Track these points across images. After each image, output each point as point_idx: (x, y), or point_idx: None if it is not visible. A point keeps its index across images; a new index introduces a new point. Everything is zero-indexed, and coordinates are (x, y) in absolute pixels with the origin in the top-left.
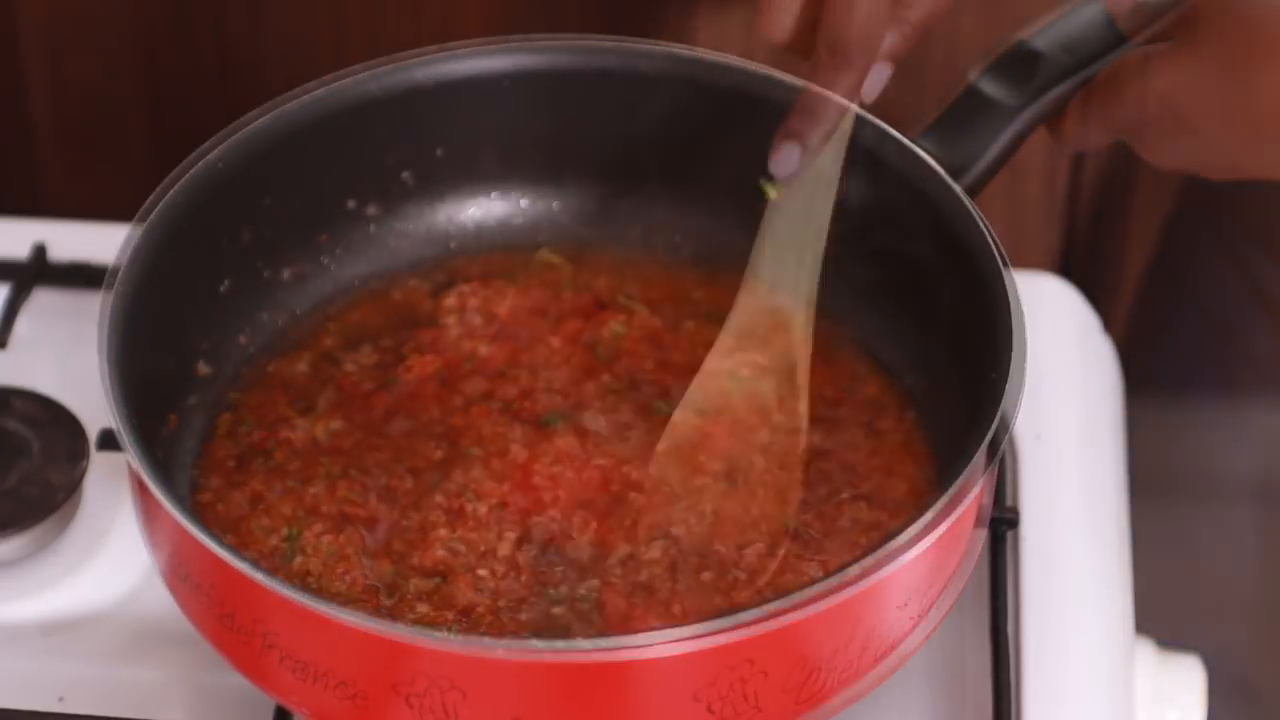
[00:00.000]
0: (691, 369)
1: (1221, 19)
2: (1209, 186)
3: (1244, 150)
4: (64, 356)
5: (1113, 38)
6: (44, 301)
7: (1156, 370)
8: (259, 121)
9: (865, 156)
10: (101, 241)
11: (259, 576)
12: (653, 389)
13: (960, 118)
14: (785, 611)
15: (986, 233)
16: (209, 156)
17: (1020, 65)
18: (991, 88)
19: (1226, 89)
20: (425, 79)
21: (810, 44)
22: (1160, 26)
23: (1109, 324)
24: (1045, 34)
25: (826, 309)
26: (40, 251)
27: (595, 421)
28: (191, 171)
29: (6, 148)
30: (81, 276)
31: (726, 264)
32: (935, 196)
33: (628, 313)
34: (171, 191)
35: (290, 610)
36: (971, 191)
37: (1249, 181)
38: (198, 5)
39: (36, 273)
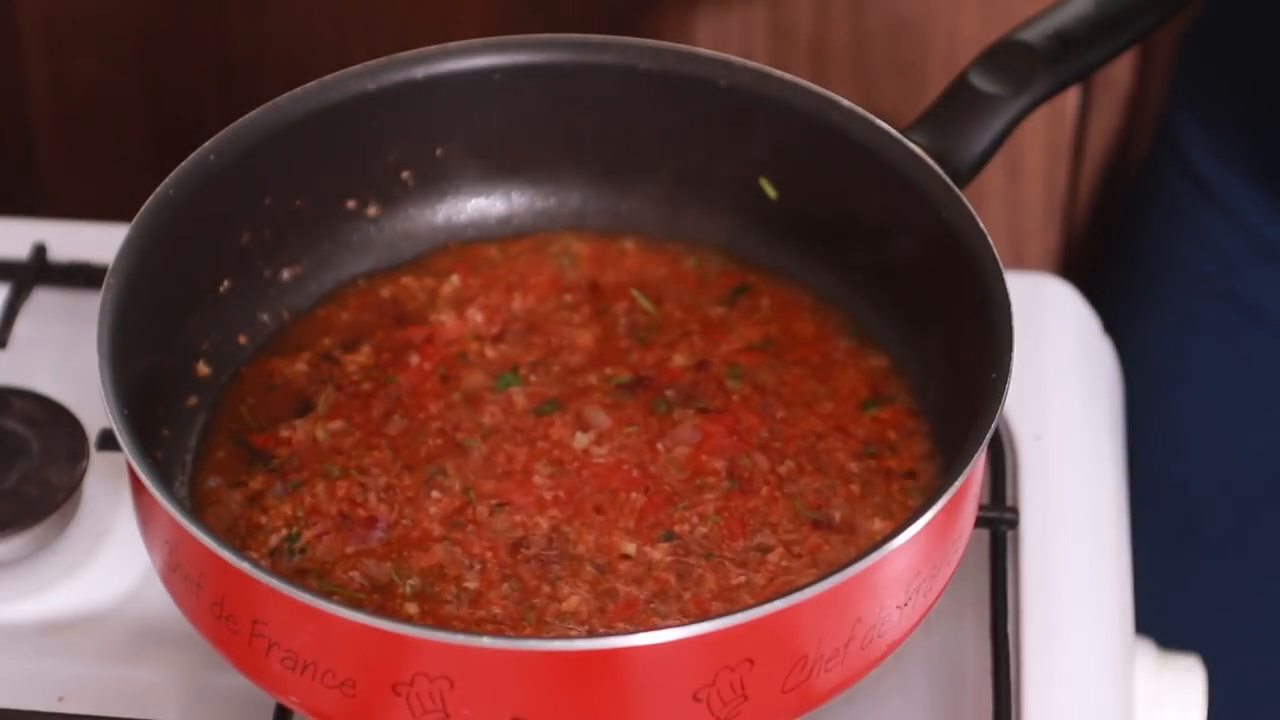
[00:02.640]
0: (694, 365)
1: None
2: (1178, 135)
3: None
4: (64, 356)
5: (1104, 28)
6: (44, 301)
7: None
8: (253, 115)
9: (861, 152)
10: (101, 241)
11: (256, 573)
12: (655, 385)
13: (951, 110)
14: (785, 611)
15: (980, 228)
16: (201, 148)
17: (1011, 57)
18: (982, 80)
19: None
20: (423, 77)
21: None
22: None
23: (1109, 324)
24: (1036, 26)
25: (825, 299)
26: (40, 251)
27: (597, 417)
28: (183, 165)
29: (6, 147)
30: (81, 276)
31: (727, 260)
32: (930, 191)
33: (629, 309)
34: (162, 186)
35: (287, 605)
36: (961, 182)
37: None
38: (198, 5)
39: (36, 273)
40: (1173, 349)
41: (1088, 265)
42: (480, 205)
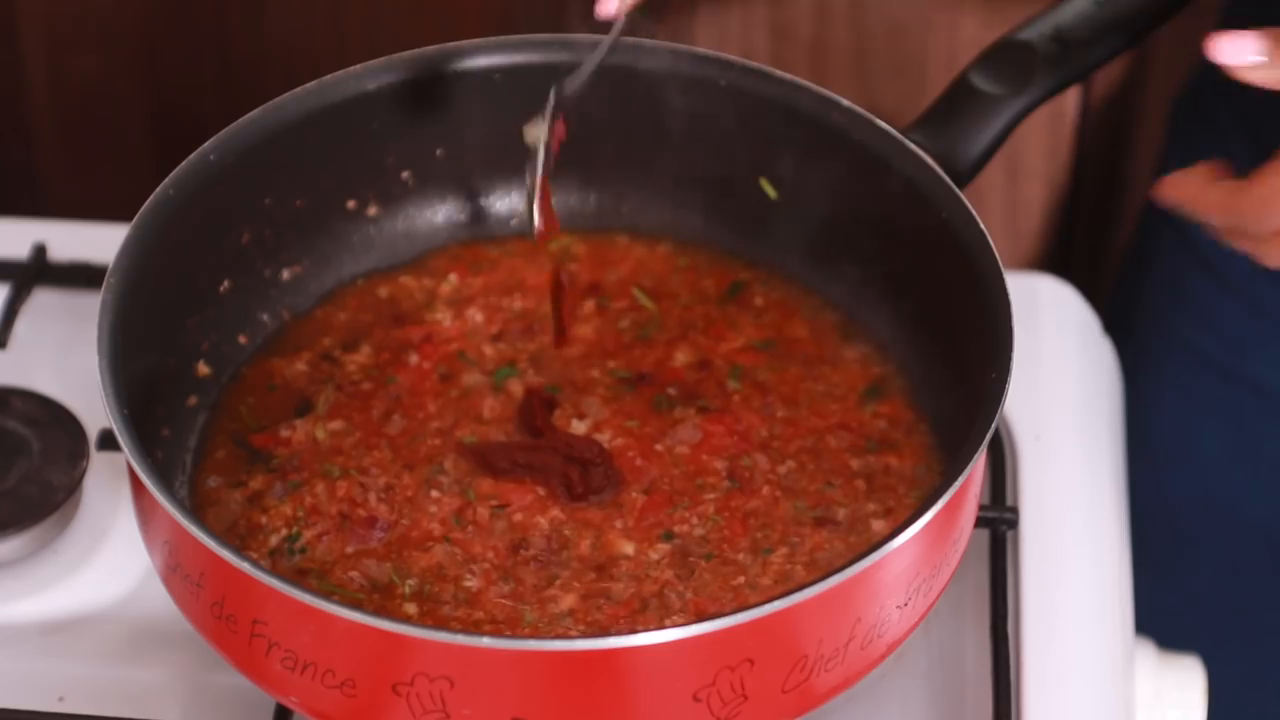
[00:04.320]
0: (695, 364)
1: None
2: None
3: None
4: (64, 356)
5: (1104, 28)
6: (44, 301)
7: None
8: (252, 115)
9: (861, 152)
10: (101, 241)
11: (257, 573)
12: (657, 383)
13: (951, 110)
14: (786, 611)
15: (980, 227)
16: (200, 149)
17: (1010, 57)
18: (982, 80)
19: None
20: (423, 77)
21: None
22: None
23: (1108, 324)
24: (1035, 26)
25: (825, 299)
26: (40, 251)
27: (592, 406)
28: (183, 166)
29: (6, 148)
30: (81, 276)
31: (726, 259)
32: (930, 192)
33: (629, 307)
34: (162, 186)
35: (287, 606)
36: (961, 182)
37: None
38: (198, 6)
39: (36, 273)
40: (1176, 427)
41: (1088, 266)
42: (480, 204)
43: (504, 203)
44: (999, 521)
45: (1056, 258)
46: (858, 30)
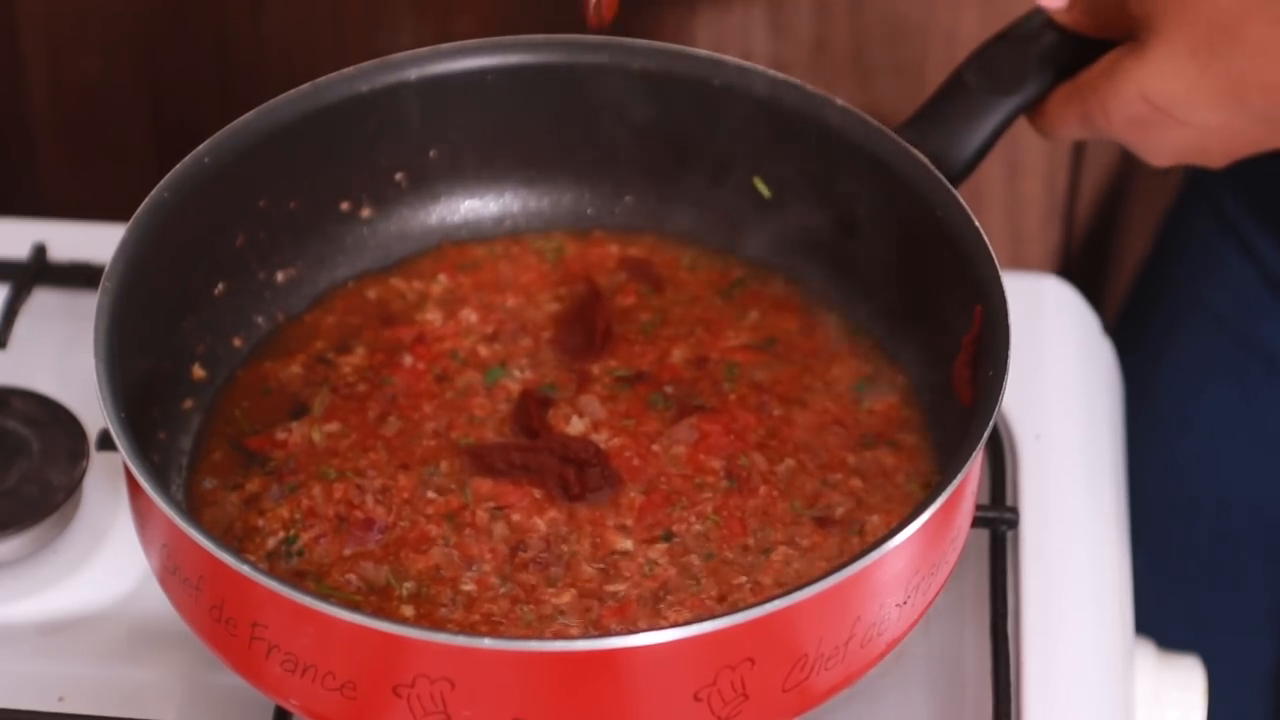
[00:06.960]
0: (693, 361)
1: (1179, 7)
2: (1209, 177)
3: (1235, 128)
4: (64, 356)
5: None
6: (44, 301)
7: (1158, 367)
8: (247, 117)
9: (855, 150)
10: (101, 241)
11: (257, 575)
12: (655, 381)
13: (945, 108)
14: (785, 610)
15: (975, 225)
16: (195, 151)
17: (1003, 55)
18: (975, 78)
19: (1204, 72)
20: (416, 79)
21: None
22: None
23: (1109, 324)
24: (1029, 23)
25: (821, 297)
26: (40, 251)
27: (590, 406)
28: (177, 168)
29: (6, 148)
30: (81, 276)
31: (722, 259)
32: (925, 190)
33: (628, 306)
34: (157, 189)
35: (288, 608)
36: (956, 180)
37: (1247, 161)
38: (198, 7)
39: (36, 273)
40: (1184, 390)
41: (1088, 265)
42: (474, 206)
43: (497, 203)
44: (998, 521)
45: (1056, 258)
46: (858, 30)
